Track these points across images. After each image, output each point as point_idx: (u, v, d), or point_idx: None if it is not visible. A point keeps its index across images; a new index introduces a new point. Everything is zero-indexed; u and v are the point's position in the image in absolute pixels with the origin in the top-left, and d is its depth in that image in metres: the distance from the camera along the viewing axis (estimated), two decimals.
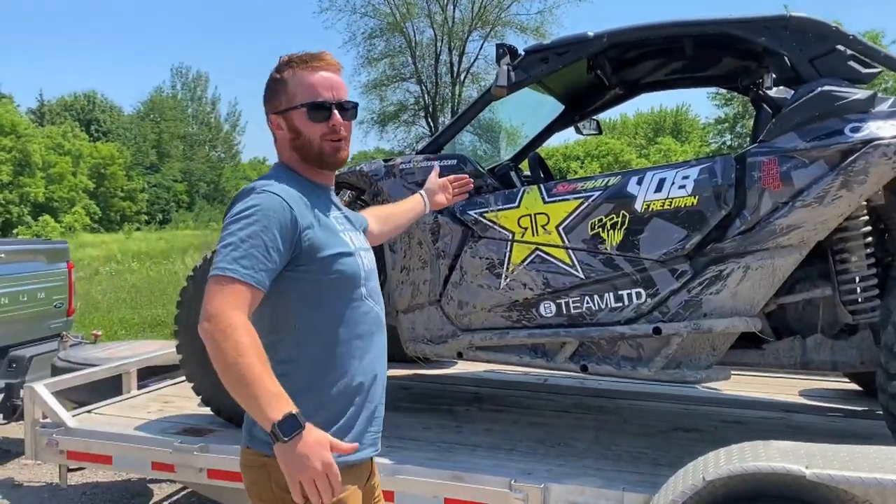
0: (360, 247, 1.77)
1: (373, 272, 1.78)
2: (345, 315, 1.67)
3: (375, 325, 1.75)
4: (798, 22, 3.08)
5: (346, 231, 1.75)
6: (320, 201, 1.72)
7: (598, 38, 3.29)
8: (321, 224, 1.66)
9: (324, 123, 1.68)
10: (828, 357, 3.16)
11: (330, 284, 1.64)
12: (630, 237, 3.12)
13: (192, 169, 55.46)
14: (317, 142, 1.69)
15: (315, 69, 1.68)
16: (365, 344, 1.71)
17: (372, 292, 1.75)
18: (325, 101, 1.68)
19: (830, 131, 2.90)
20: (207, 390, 3.66)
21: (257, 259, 1.52)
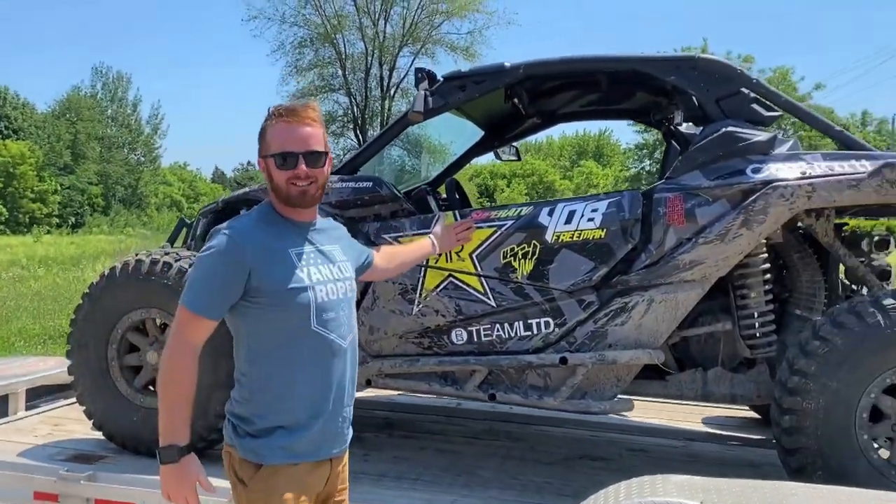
0: (323, 280, 1.91)
1: (335, 303, 1.93)
2: (291, 341, 1.87)
3: (327, 352, 1.91)
4: (706, 63, 3.19)
5: (311, 265, 1.91)
6: (289, 238, 1.92)
7: (515, 69, 3.32)
8: (276, 260, 1.86)
9: (290, 171, 1.87)
10: (727, 390, 3.25)
11: (278, 314, 1.85)
12: (540, 267, 3.15)
13: (109, 172, 53.44)
14: (284, 186, 1.89)
15: (289, 123, 1.88)
16: (312, 368, 1.89)
17: (327, 322, 1.90)
18: (291, 151, 1.88)
19: (733, 171, 3.00)
20: (100, 413, 3.49)
21: (210, 295, 1.83)
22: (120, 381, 3.45)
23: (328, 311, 1.90)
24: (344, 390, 1.96)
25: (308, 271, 1.89)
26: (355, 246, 2.28)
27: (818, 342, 2.81)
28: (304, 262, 1.90)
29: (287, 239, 1.92)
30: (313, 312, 1.87)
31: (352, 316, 2.00)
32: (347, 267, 2.03)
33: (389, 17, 32.86)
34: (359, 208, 3.39)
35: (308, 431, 1.88)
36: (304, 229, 1.97)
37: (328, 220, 2.14)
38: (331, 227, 2.10)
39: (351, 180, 3.43)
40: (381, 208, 3.39)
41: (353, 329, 2.01)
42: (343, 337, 1.95)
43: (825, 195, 2.92)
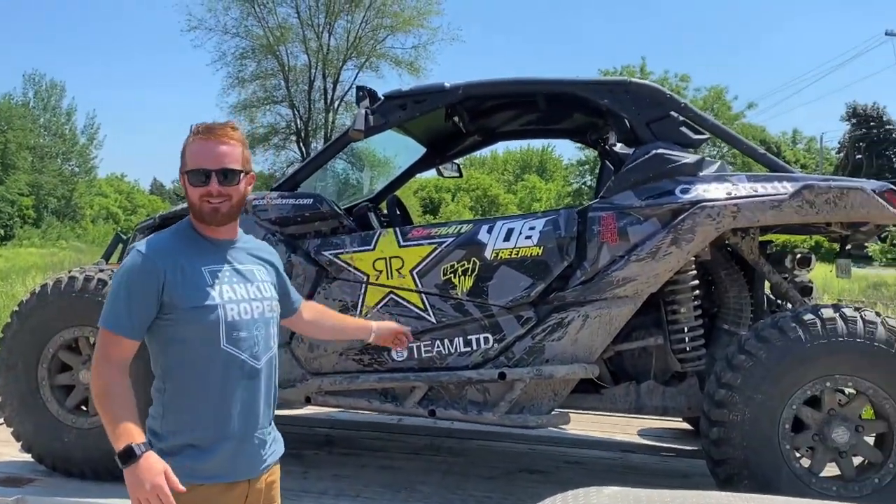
0: (237, 298, 1.89)
1: (248, 323, 1.90)
2: (201, 360, 1.85)
3: (238, 372, 1.87)
4: (637, 87, 3.31)
5: (223, 284, 1.89)
6: (204, 255, 1.91)
7: (455, 90, 3.39)
8: (188, 277, 1.85)
9: (203, 188, 1.87)
10: (659, 402, 3.36)
11: (188, 332, 1.84)
12: (480, 283, 3.20)
13: (42, 182, 51.57)
14: (197, 203, 1.88)
15: (205, 140, 1.88)
16: (222, 387, 1.85)
17: (238, 342, 1.88)
18: (204, 168, 1.87)
19: (663, 191, 3.11)
20: (29, 435, 3.39)
21: (128, 314, 1.83)
22: (51, 402, 3.36)
23: (239, 331, 1.87)
24: (258, 412, 1.91)
25: (220, 289, 1.87)
26: (285, 282, 2.18)
27: (743, 356, 2.93)
28: (216, 280, 1.88)
29: (202, 256, 1.90)
30: (223, 331, 1.85)
31: (269, 337, 1.95)
32: (268, 288, 1.99)
33: (333, 31, 32.78)
34: (299, 225, 3.39)
35: (217, 453, 1.84)
36: (221, 247, 1.95)
37: (257, 241, 2.12)
38: (256, 248, 2.06)
39: (291, 197, 3.43)
40: (322, 225, 3.40)
41: (271, 350, 1.96)
42: (256, 357, 1.91)
43: (749, 215, 3.06)
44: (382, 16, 32.01)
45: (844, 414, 2.94)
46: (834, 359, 2.90)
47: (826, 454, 2.94)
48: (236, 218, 1.95)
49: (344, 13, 32.38)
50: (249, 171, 1.94)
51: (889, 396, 2.88)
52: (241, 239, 2.01)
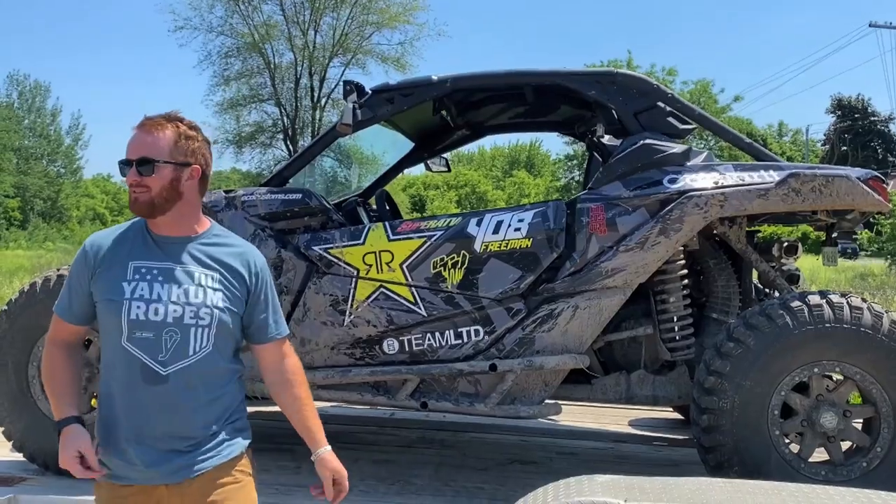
0: (151, 298, 1.81)
1: (157, 325, 1.79)
2: (108, 354, 1.85)
3: (138, 375, 1.79)
4: (624, 78, 3.33)
5: (143, 280, 1.83)
6: (140, 251, 1.87)
7: (442, 83, 3.39)
8: (111, 269, 1.84)
9: (125, 178, 1.86)
10: (650, 392, 3.38)
11: (103, 324, 1.85)
12: (469, 276, 3.21)
13: (27, 184, 51.20)
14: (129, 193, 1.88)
15: (136, 131, 1.87)
16: (126, 386, 1.81)
17: (140, 342, 1.79)
18: (126, 158, 1.85)
19: (650, 181, 3.13)
20: (20, 434, 3.38)
21: (67, 297, 1.89)
22: (41, 400, 3.35)
23: (143, 331, 1.78)
24: (176, 420, 1.79)
25: (134, 286, 1.81)
26: (259, 303, 1.92)
27: (732, 343, 2.96)
28: (136, 276, 1.82)
29: (137, 252, 1.86)
30: (124, 328, 1.79)
31: (188, 345, 1.79)
32: (206, 294, 1.83)
33: (319, 28, 32.67)
34: (288, 220, 3.39)
35: (122, 454, 1.78)
36: (166, 244, 1.87)
37: (238, 247, 1.93)
38: (226, 253, 1.89)
39: (280, 192, 3.43)
40: (311, 220, 3.40)
41: (190, 359, 1.80)
42: (162, 363, 1.78)
43: (736, 204, 3.08)
44: (368, 12, 31.91)
45: (832, 399, 2.97)
46: (821, 345, 2.93)
47: (815, 439, 2.98)
48: (165, 210, 1.84)
49: (329, 10, 32.26)
50: (187, 163, 1.83)
51: (876, 381, 2.92)
52: (207, 238, 1.90)
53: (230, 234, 1.99)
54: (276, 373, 1.95)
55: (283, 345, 1.97)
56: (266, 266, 1.96)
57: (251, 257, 1.93)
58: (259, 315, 1.92)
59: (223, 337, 1.85)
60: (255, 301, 1.91)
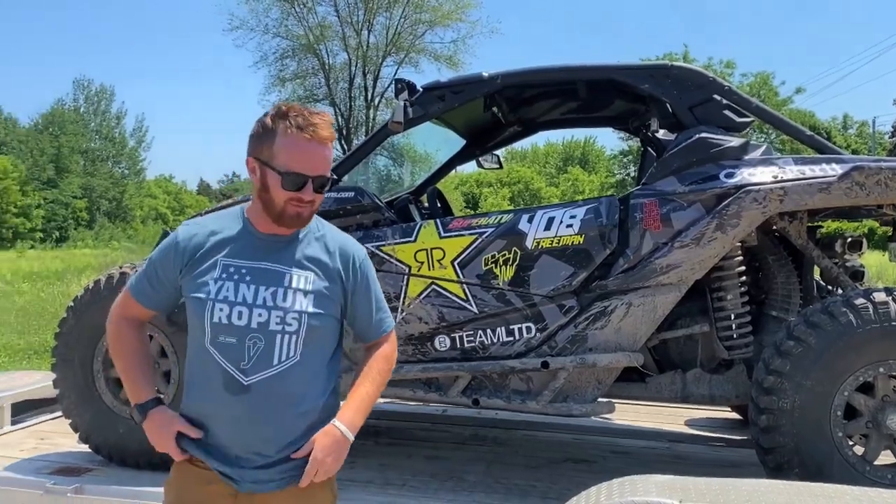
0: (237, 301, 1.69)
1: (241, 330, 1.68)
2: (193, 353, 1.78)
3: (219, 381, 1.69)
4: (679, 71, 3.26)
5: (230, 280, 1.71)
6: (236, 247, 1.76)
7: (493, 79, 3.38)
8: (202, 265, 1.75)
9: (294, 192, 1.69)
10: (706, 391, 3.31)
11: (190, 320, 1.77)
12: (521, 273, 3.20)
13: (94, 185, 53.11)
14: (280, 204, 1.71)
15: (306, 139, 1.68)
16: (206, 389, 1.73)
17: (223, 347, 1.69)
18: (302, 173, 1.69)
19: (707, 176, 3.06)
20: (86, 426, 3.50)
21: (146, 280, 1.83)
22: (106, 394, 3.46)
23: (226, 335, 1.69)
24: (247, 434, 1.69)
25: (221, 286, 1.71)
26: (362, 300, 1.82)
27: (793, 342, 2.87)
28: (225, 275, 1.72)
29: (232, 248, 1.75)
30: (208, 330, 1.70)
31: (272, 353, 1.68)
32: (304, 300, 1.71)
33: (372, 27, 32.94)
34: (341, 218, 3.43)
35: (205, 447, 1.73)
36: (265, 242, 1.76)
37: (335, 241, 1.81)
38: (322, 250, 1.78)
39: (333, 190, 3.46)
40: (364, 217, 3.43)
41: (274, 369, 1.68)
42: (244, 372, 1.68)
43: (797, 198, 2.99)
44: (421, 11, 32.04)
45: None
46: (887, 343, 2.82)
47: (880, 441, 2.87)
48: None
49: (382, 9, 32.50)
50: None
51: None
52: (306, 236, 1.79)
53: (328, 227, 1.85)
54: (366, 359, 1.85)
55: (387, 338, 1.89)
56: (367, 259, 1.85)
57: (350, 253, 1.81)
58: (362, 313, 1.83)
59: (314, 345, 1.73)
60: (356, 300, 1.81)
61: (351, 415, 1.75)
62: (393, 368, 1.90)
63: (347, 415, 1.75)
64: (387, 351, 1.88)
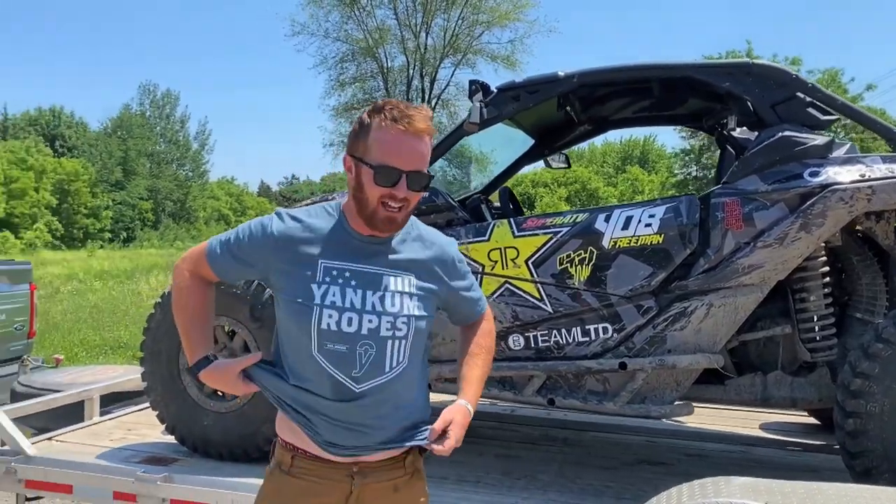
0: (344, 306, 1.65)
1: (351, 337, 1.65)
2: (297, 358, 1.71)
3: (328, 387, 1.67)
4: (760, 69, 3.20)
5: (335, 285, 1.66)
6: (334, 248, 1.69)
7: (569, 79, 3.38)
8: (300, 266, 1.68)
9: (387, 188, 1.61)
10: (787, 394, 3.25)
11: (289, 324, 1.71)
12: (597, 273, 3.19)
13: (159, 187, 54.83)
14: (373, 203, 1.63)
15: (400, 131, 1.60)
16: (315, 397, 1.69)
17: (331, 355, 1.65)
18: (396, 168, 1.61)
19: (790, 175, 3.00)
20: (172, 418, 3.63)
21: (226, 250, 1.77)
22: (191, 387, 3.59)
23: (335, 343, 1.65)
24: (353, 438, 1.70)
25: (326, 290, 1.65)
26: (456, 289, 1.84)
27: (881, 344, 2.80)
28: (327, 279, 1.66)
29: (330, 248, 1.69)
30: (315, 337, 1.65)
31: (383, 359, 1.67)
32: (402, 302, 1.69)
33: (430, 30, 33.14)
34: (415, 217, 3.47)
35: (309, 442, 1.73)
36: (362, 243, 1.71)
37: (425, 238, 1.80)
38: (416, 250, 1.76)
39: None
40: (437, 217, 3.47)
41: (387, 375, 1.68)
42: (356, 380, 1.66)
43: (885, 197, 2.91)
44: (479, 12, 32.14)
45: None
46: None
47: None
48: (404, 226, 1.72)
49: (440, 11, 32.69)
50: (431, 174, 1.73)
51: None
52: (402, 236, 1.75)
53: (420, 226, 1.83)
54: (467, 336, 1.91)
55: (483, 315, 1.93)
56: (458, 252, 1.86)
57: (445, 250, 1.81)
58: (464, 304, 1.87)
59: (418, 346, 1.74)
60: (454, 294, 1.83)
61: (472, 394, 1.81)
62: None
63: (470, 394, 1.80)
64: (488, 327, 1.94)
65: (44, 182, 44.24)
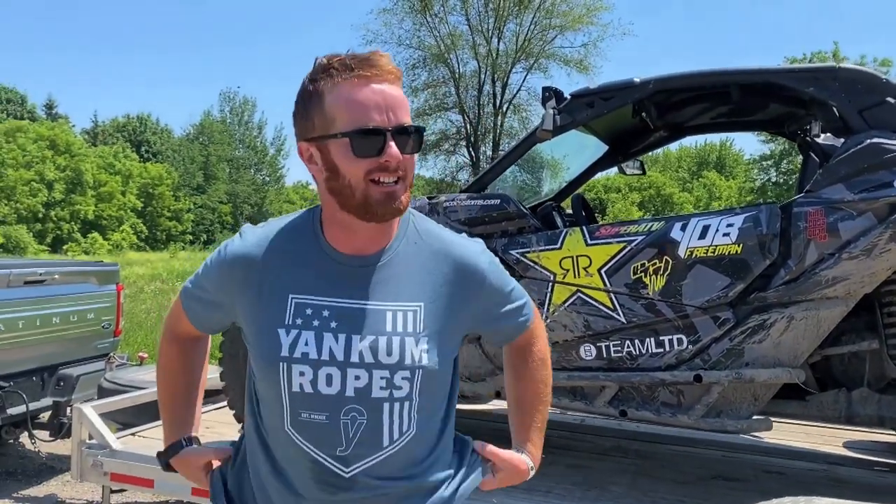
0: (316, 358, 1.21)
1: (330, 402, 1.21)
2: (268, 424, 1.30)
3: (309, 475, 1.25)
4: (847, 73, 3.08)
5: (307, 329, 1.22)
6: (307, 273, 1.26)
7: (645, 85, 3.32)
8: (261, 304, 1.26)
9: (373, 159, 1.17)
10: (874, 412, 3.10)
11: (258, 387, 1.32)
12: (673, 283, 3.12)
13: (238, 191, 56.63)
14: (361, 185, 1.19)
15: (363, 80, 1.18)
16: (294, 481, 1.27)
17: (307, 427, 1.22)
18: (377, 126, 1.18)
19: (879, 184, 2.88)
20: None
21: (198, 297, 1.40)
22: None
23: (311, 411, 1.21)
24: None
25: (297, 336, 1.21)
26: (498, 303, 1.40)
27: None
28: (299, 320, 1.22)
29: (303, 276, 1.25)
30: (286, 405, 1.23)
31: (381, 432, 1.23)
32: (408, 348, 1.22)
33: (502, 35, 33.14)
34: (486, 225, 3.48)
35: None
36: (351, 265, 1.25)
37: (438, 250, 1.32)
38: (430, 266, 1.29)
39: (479, 198, 3.53)
40: (509, 224, 3.46)
41: (385, 451, 1.24)
42: (343, 461, 1.22)
43: None
44: (551, 16, 31.94)
45: None
46: None
47: None
48: (404, 212, 1.27)
49: (512, 16, 32.65)
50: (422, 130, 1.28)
51: None
52: (402, 247, 1.29)
53: (430, 227, 1.36)
54: (518, 368, 1.53)
55: (531, 329, 1.49)
56: (488, 255, 1.39)
57: (471, 258, 1.33)
58: (500, 321, 1.42)
59: (432, 404, 1.31)
60: (490, 315, 1.39)
61: (537, 452, 1.52)
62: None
63: (535, 452, 1.52)
64: (542, 348, 1.51)
65: (130, 186, 46.32)
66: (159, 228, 48.64)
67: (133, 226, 45.60)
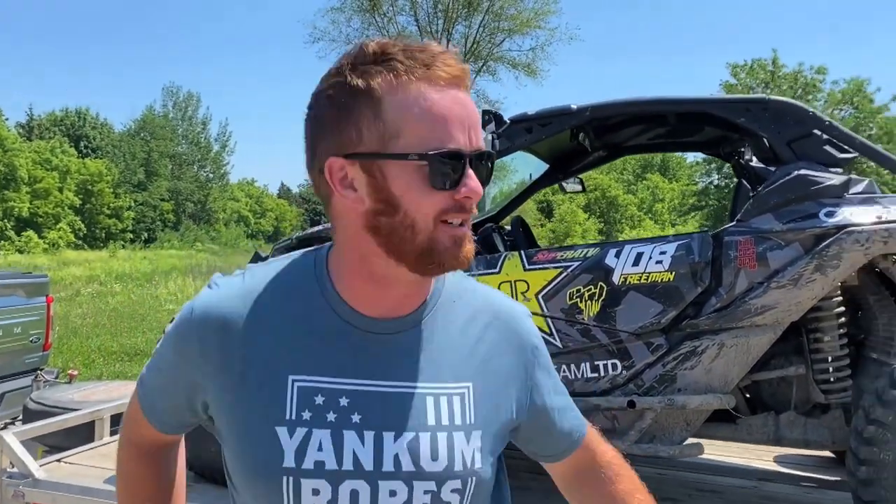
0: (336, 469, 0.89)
1: None
2: None
3: None
4: (777, 105, 3.16)
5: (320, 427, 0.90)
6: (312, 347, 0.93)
7: (581, 112, 3.35)
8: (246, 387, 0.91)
9: (448, 192, 0.87)
10: (800, 435, 3.19)
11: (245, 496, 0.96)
12: (607, 309, 3.15)
13: (180, 188, 55.39)
14: (429, 227, 0.88)
15: (441, 83, 0.87)
16: None
17: None
18: (460, 149, 0.87)
19: (806, 215, 2.95)
20: None
21: (158, 394, 1.04)
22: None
23: None
24: None
25: (305, 438, 0.89)
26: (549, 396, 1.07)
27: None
28: (306, 413, 0.90)
29: (310, 346, 0.93)
30: None
31: None
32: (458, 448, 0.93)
33: (451, 37, 33.15)
34: None
35: None
36: (365, 333, 0.93)
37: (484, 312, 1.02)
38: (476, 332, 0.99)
39: None
40: None
41: None
42: None
43: None
44: (500, 19, 32.10)
45: None
46: None
47: None
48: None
49: (462, 18, 32.72)
50: None
51: None
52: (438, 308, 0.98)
53: (461, 279, 1.03)
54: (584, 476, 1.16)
55: (590, 438, 1.15)
56: (536, 330, 1.08)
57: (518, 321, 1.05)
58: (552, 422, 1.09)
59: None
60: (543, 411, 1.06)
61: None
62: None
63: None
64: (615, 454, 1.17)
65: (68, 182, 44.85)
66: (98, 226, 47.25)
67: (71, 223, 44.19)
